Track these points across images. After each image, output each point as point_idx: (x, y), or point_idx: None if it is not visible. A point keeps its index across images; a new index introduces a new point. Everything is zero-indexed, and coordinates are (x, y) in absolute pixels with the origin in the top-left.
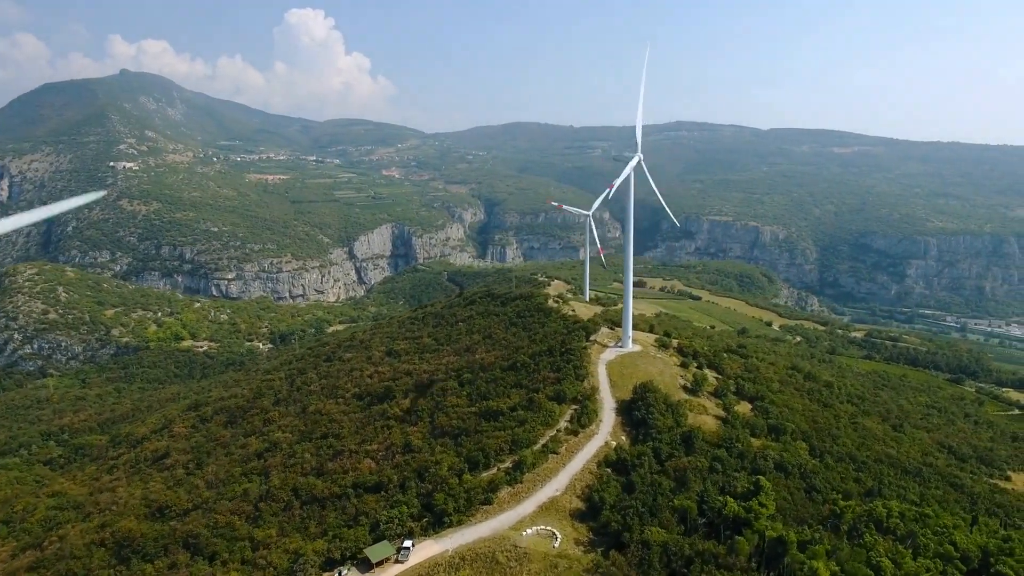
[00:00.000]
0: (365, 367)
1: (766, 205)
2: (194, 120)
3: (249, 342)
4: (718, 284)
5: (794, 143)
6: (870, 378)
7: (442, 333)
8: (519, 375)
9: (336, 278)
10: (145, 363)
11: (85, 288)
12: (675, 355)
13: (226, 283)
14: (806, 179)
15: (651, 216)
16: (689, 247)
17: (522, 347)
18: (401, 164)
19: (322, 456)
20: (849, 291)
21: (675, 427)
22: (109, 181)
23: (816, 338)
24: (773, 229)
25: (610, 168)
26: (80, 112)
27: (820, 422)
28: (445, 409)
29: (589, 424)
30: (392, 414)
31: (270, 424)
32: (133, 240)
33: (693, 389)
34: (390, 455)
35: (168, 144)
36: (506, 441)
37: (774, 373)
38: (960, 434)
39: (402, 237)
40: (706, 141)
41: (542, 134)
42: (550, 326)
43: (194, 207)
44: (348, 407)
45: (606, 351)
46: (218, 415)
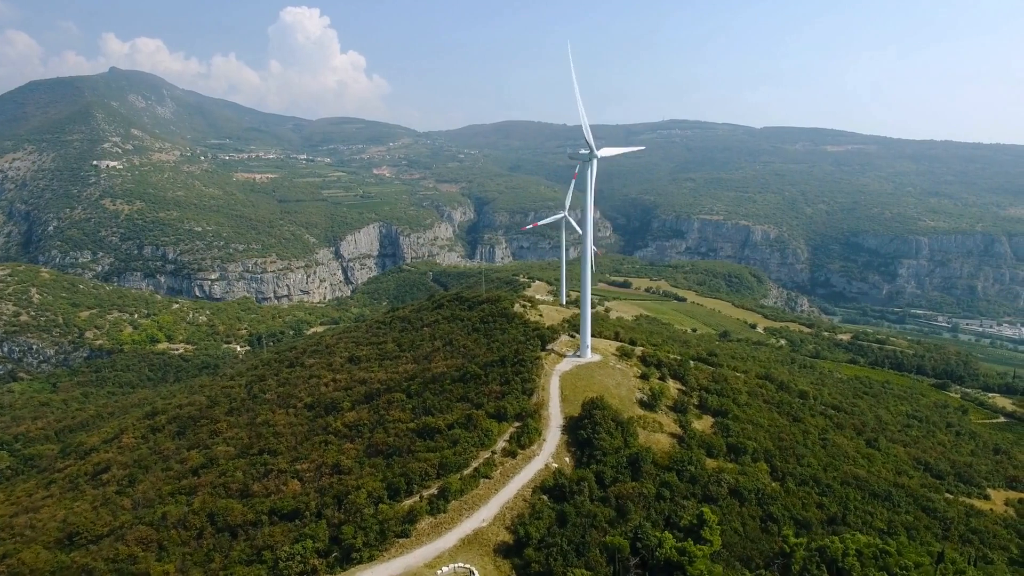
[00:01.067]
0: (324, 374)
1: (758, 204)
2: (184, 118)
3: (227, 344)
4: (706, 284)
5: (788, 141)
6: (851, 385)
7: (406, 339)
8: (467, 387)
9: (322, 278)
10: (118, 366)
11: (60, 289)
12: (638, 365)
13: (209, 284)
14: (799, 177)
15: (641, 215)
16: (680, 246)
17: (478, 356)
18: (392, 163)
19: (253, 474)
20: (840, 291)
21: (623, 448)
22: (92, 180)
23: (800, 341)
24: (764, 228)
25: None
26: (65, 110)
27: (786, 439)
28: (386, 424)
29: (530, 444)
30: (334, 428)
31: (216, 436)
32: (115, 240)
33: (650, 403)
34: (318, 476)
35: (154, 143)
36: (433, 464)
37: (743, 384)
38: (939, 448)
39: (390, 236)
40: (699, 139)
41: (535, 132)
42: (510, 333)
43: (178, 206)
44: (297, 419)
45: (562, 361)
46: (171, 424)
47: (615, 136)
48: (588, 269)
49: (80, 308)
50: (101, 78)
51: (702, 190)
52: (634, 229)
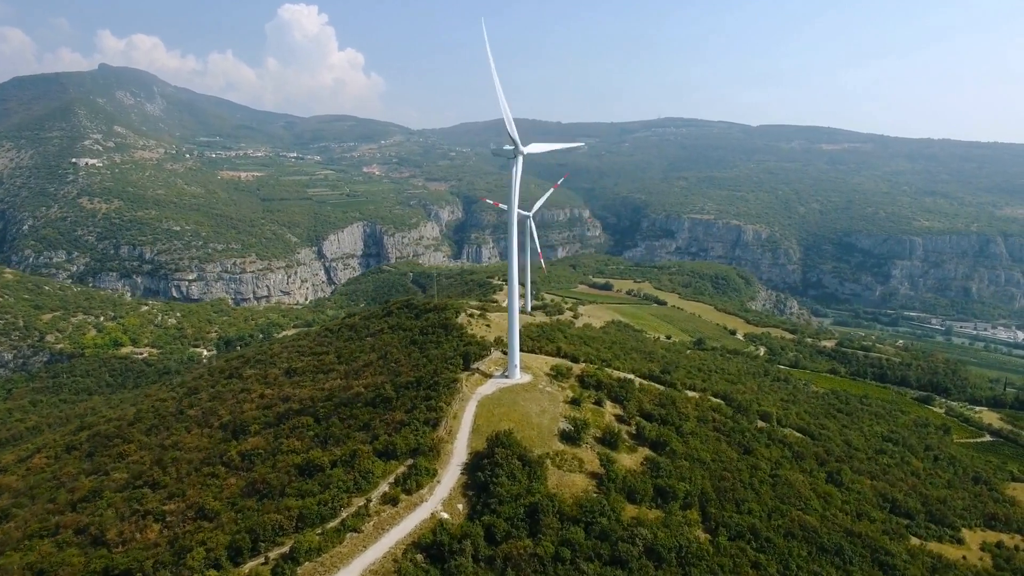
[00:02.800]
0: (255, 388)
1: (750, 203)
2: (174, 115)
3: (194, 348)
4: (692, 287)
5: (783, 139)
6: (824, 401)
7: (348, 349)
8: (375, 413)
9: (304, 278)
10: (77, 372)
11: (23, 291)
12: (573, 387)
13: (186, 284)
14: (792, 176)
15: (632, 215)
16: (670, 246)
17: (403, 374)
18: (383, 161)
19: (124, 512)
20: (832, 292)
21: (525, 494)
22: (70, 178)
23: (781, 348)
24: (756, 228)
25: (594, 165)
26: (48, 107)
27: (728, 479)
28: (277, 456)
29: (419, 488)
30: (228, 457)
31: (121, 460)
32: (91, 239)
33: (573, 436)
34: (182, 521)
35: (138, 140)
36: (292, 516)
37: (693, 408)
38: (911, 479)
39: (374, 236)
40: (693, 137)
41: (528, 130)
42: (444, 347)
43: (157, 205)
44: (206, 441)
45: (486, 383)
46: (88, 443)
47: (609, 133)
48: (515, 278)
49: (43, 310)
50: (88, 75)
51: (694, 189)
52: (624, 228)
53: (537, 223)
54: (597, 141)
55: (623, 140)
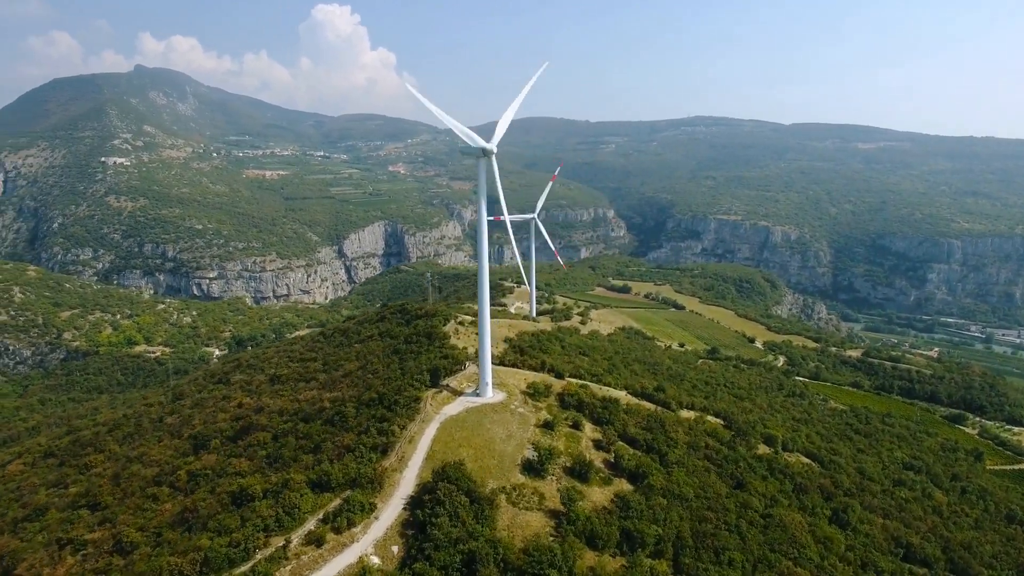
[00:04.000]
0: (236, 396)
1: (780, 204)
2: (205, 115)
3: (207, 347)
4: (714, 290)
5: (816, 138)
6: (842, 420)
7: (336, 356)
8: (330, 433)
9: (324, 277)
10: (90, 370)
11: (44, 289)
12: (550, 407)
13: (207, 282)
14: (825, 176)
15: (657, 215)
16: (695, 248)
17: (372, 387)
18: (408, 160)
19: (54, 536)
20: (864, 296)
21: (466, 538)
22: (99, 177)
23: (802, 358)
24: (785, 229)
25: (621, 164)
26: (82, 107)
27: (711, 519)
28: (220, 479)
29: (352, 526)
30: (175, 477)
31: (85, 471)
32: (117, 237)
33: (537, 466)
34: (97, 555)
35: (166, 139)
36: (196, 560)
37: (684, 432)
38: (931, 518)
39: (395, 235)
40: (723, 136)
41: (556, 128)
42: (423, 358)
43: (181, 204)
44: (170, 454)
45: (454, 402)
46: (65, 450)
47: (637, 132)
48: (486, 288)
49: (62, 308)
50: (123, 76)
51: (722, 189)
52: (649, 229)
53: (559, 223)
54: (625, 140)
55: (651, 139)
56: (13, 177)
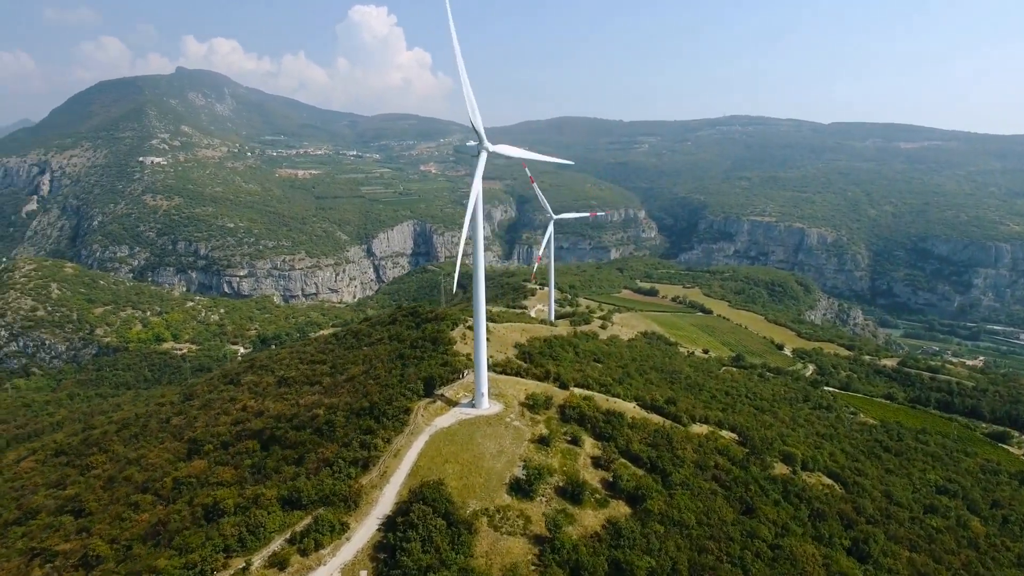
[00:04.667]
0: (242, 398)
1: (816, 205)
2: (242, 115)
3: (232, 345)
4: (744, 293)
5: (857, 138)
6: (871, 437)
7: (343, 359)
8: (317, 443)
9: (352, 276)
10: (119, 366)
11: (80, 285)
12: (549, 420)
13: (237, 280)
14: (865, 176)
15: (689, 216)
16: (727, 250)
17: (370, 393)
18: (440, 159)
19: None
20: (904, 301)
21: (438, 566)
22: (136, 176)
23: (833, 367)
24: (821, 231)
25: (653, 164)
26: (124, 109)
27: (712, 550)
28: (200, 488)
29: (319, 548)
30: (160, 484)
31: (86, 472)
32: (152, 235)
33: (526, 486)
34: (63, 568)
35: (203, 139)
36: None
37: (692, 450)
38: (964, 552)
39: (424, 235)
40: (759, 136)
41: (589, 128)
42: (424, 365)
43: (214, 202)
44: (167, 458)
45: (447, 413)
46: (73, 449)
47: (671, 132)
48: (482, 292)
49: (96, 304)
50: (164, 78)
51: (756, 189)
52: (681, 230)
53: (590, 225)
54: (658, 140)
55: (685, 139)
56: (59, 176)
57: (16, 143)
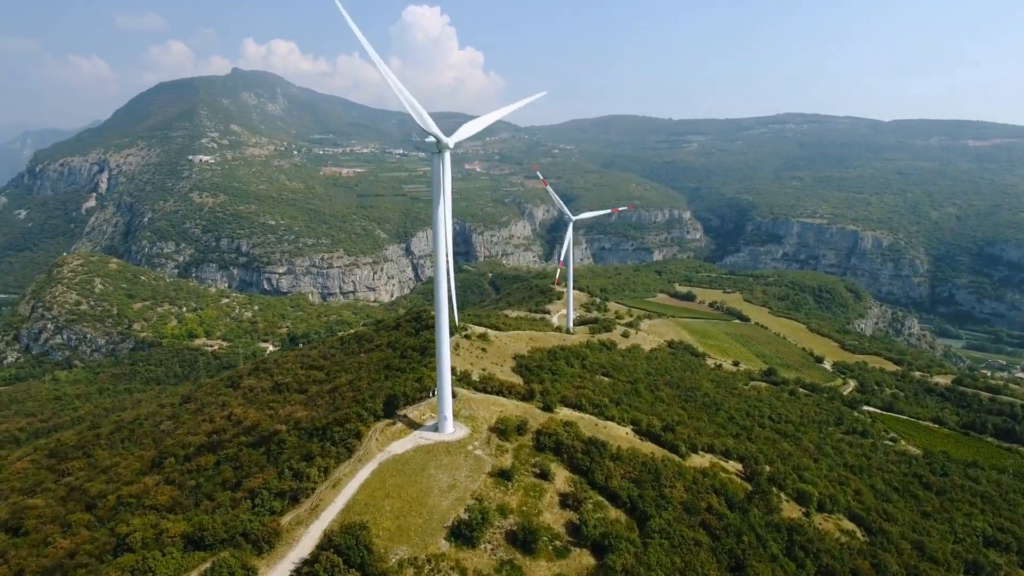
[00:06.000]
0: (232, 404)
1: (872, 206)
2: (293, 114)
3: (263, 343)
4: (789, 299)
5: (919, 136)
6: (910, 469)
7: (340, 365)
8: (263, 464)
9: (390, 275)
10: (152, 361)
11: (122, 280)
12: (521, 448)
13: (276, 277)
14: (926, 177)
15: (736, 217)
16: (775, 253)
17: (340, 408)
18: (485, 157)
19: None
20: (968, 311)
21: None
22: (185, 174)
23: (876, 384)
24: (876, 234)
25: (702, 163)
26: (178, 109)
27: None
28: (128, 511)
29: None
30: (104, 504)
31: (61, 478)
32: (197, 232)
33: (468, 531)
34: None
35: (251, 138)
36: None
37: (682, 489)
38: None
39: (463, 234)
40: (814, 134)
41: (637, 127)
42: (401, 378)
43: (258, 200)
44: (135, 467)
45: (408, 436)
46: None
47: (721, 130)
48: (444, 303)
49: (135, 300)
50: (219, 78)
51: (808, 190)
52: (727, 232)
53: (632, 223)
54: (708, 138)
55: (736, 137)
56: (115, 175)
57: (80, 143)
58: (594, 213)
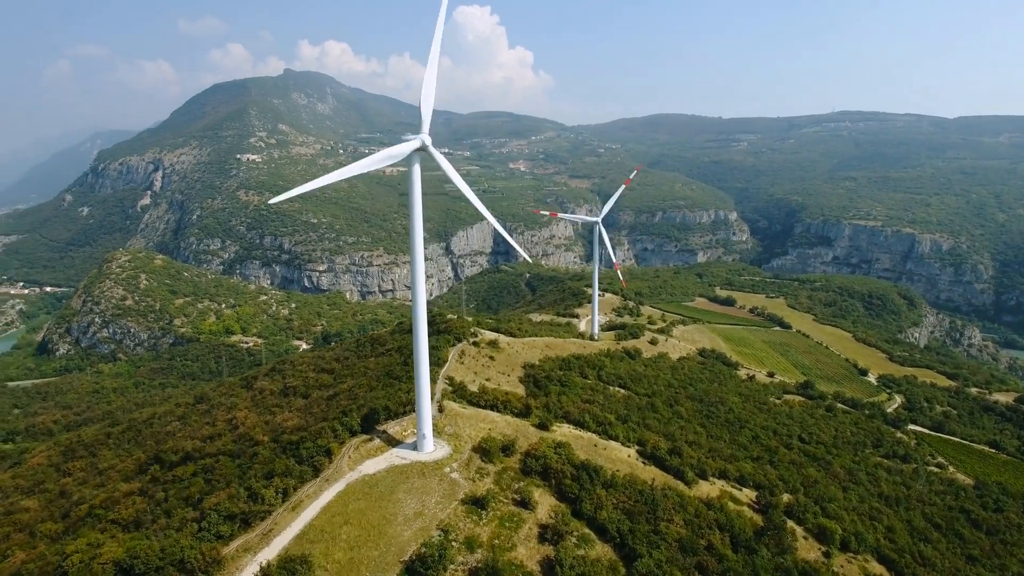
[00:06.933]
0: (238, 407)
1: (932, 208)
2: (342, 114)
3: (297, 340)
4: (836, 306)
5: (987, 133)
6: (956, 502)
7: (350, 369)
8: (230, 479)
9: (429, 274)
10: (189, 356)
11: (166, 276)
12: (504, 472)
13: (317, 275)
14: (994, 176)
15: (785, 219)
16: (825, 256)
17: (328, 418)
18: (530, 157)
19: None
20: None
21: None
22: (233, 172)
23: (926, 400)
24: (935, 237)
25: (751, 163)
26: (229, 109)
27: None
28: (99, 524)
29: None
30: (78, 512)
31: (63, 478)
32: (242, 229)
33: (421, 570)
34: None
35: (298, 137)
36: None
37: (685, 519)
38: None
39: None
40: (871, 132)
41: (685, 126)
42: (397, 387)
43: (300, 198)
44: (127, 472)
45: (384, 454)
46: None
47: (773, 129)
48: (422, 312)
49: (177, 295)
50: (271, 79)
51: (862, 191)
52: (775, 234)
53: (675, 224)
54: (758, 137)
55: (787, 136)
56: (169, 174)
57: (139, 143)
58: (612, 199)
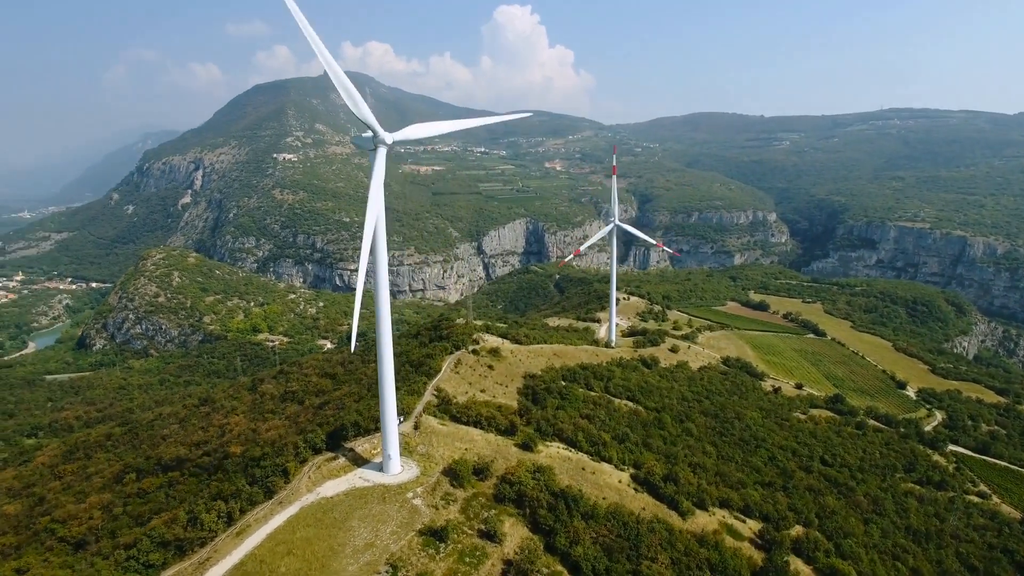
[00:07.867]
0: (237, 408)
1: (985, 209)
2: (380, 113)
3: (323, 339)
4: (877, 312)
5: None
6: (998, 541)
7: (352, 374)
8: (185, 495)
9: (460, 274)
10: (216, 354)
11: (198, 274)
12: (475, 498)
13: (348, 274)
14: None
15: (827, 220)
16: (869, 259)
17: (304, 432)
18: (566, 156)
19: None
20: None
21: None
22: (269, 171)
23: (970, 418)
24: (988, 240)
25: (792, 163)
26: (268, 109)
27: None
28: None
29: None
30: (36, 525)
31: (54, 481)
32: (276, 228)
33: None
34: None
35: (333, 136)
36: None
37: (673, 558)
38: None
39: (536, 233)
40: (921, 131)
41: (725, 124)
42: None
43: (335, 197)
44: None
45: (347, 475)
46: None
47: (816, 127)
48: (386, 320)
49: (208, 293)
50: (311, 79)
51: (910, 191)
52: (815, 236)
53: (712, 225)
54: (800, 136)
55: (831, 135)
56: (208, 173)
57: (183, 143)
58: (613, 198)
